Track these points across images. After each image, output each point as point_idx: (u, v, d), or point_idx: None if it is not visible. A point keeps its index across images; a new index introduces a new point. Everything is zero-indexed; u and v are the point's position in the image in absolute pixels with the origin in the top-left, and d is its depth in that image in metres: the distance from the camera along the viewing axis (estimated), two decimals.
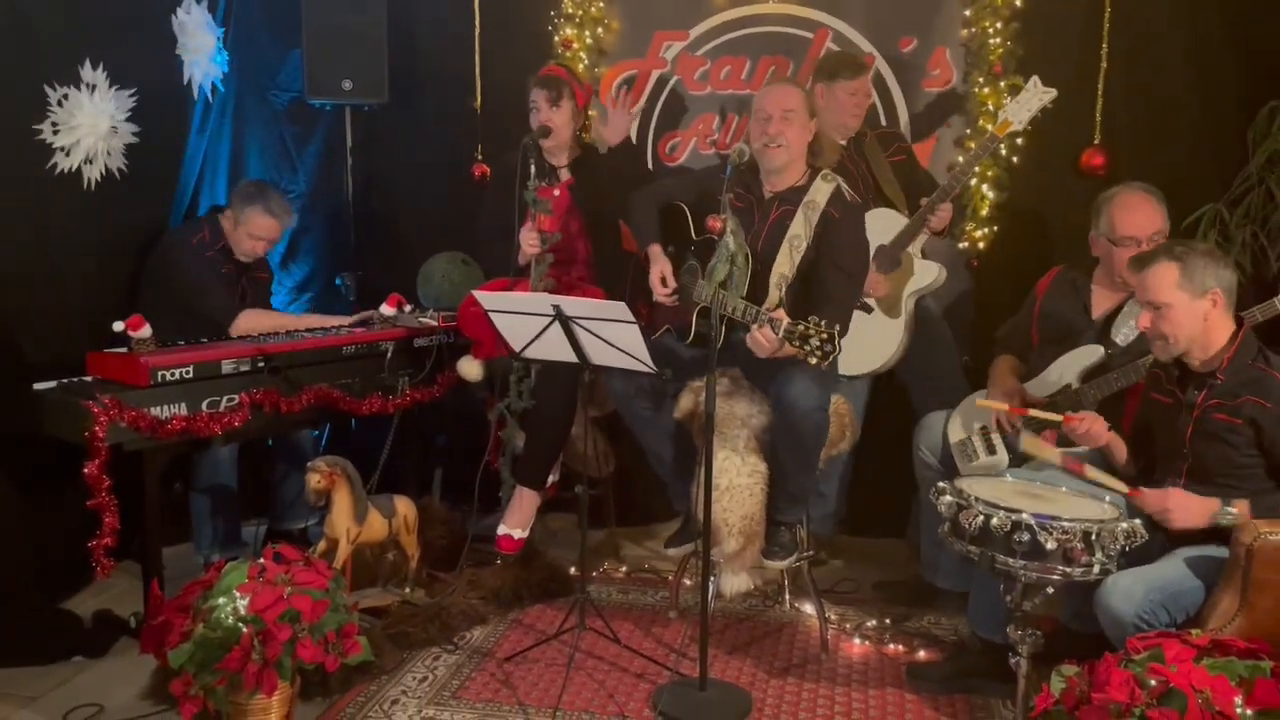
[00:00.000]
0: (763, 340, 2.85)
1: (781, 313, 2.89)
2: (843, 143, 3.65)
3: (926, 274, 3.57)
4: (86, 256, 3.53)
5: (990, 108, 3.80)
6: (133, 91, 3.62)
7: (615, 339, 2.76)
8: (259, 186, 3.77)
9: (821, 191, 3.16)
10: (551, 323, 2.81)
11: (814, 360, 2.63)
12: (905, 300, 3.55)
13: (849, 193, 3.19)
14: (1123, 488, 2.60)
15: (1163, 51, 3.78)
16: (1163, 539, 2.55)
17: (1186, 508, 2.48)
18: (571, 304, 2.77)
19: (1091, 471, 2.68)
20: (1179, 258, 2.49)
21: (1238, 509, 2.46)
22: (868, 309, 3.54)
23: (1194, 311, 2.49)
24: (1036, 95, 3.36)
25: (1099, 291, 3.10)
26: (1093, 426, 2.74)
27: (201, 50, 4.05)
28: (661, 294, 3.27)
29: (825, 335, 2.62)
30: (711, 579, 3.06)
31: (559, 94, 3.61)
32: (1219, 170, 3.71)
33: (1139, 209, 2.99)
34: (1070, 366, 3.04)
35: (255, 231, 3.65)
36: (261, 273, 3.92)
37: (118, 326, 3.09)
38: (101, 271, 3.59)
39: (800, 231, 3.12)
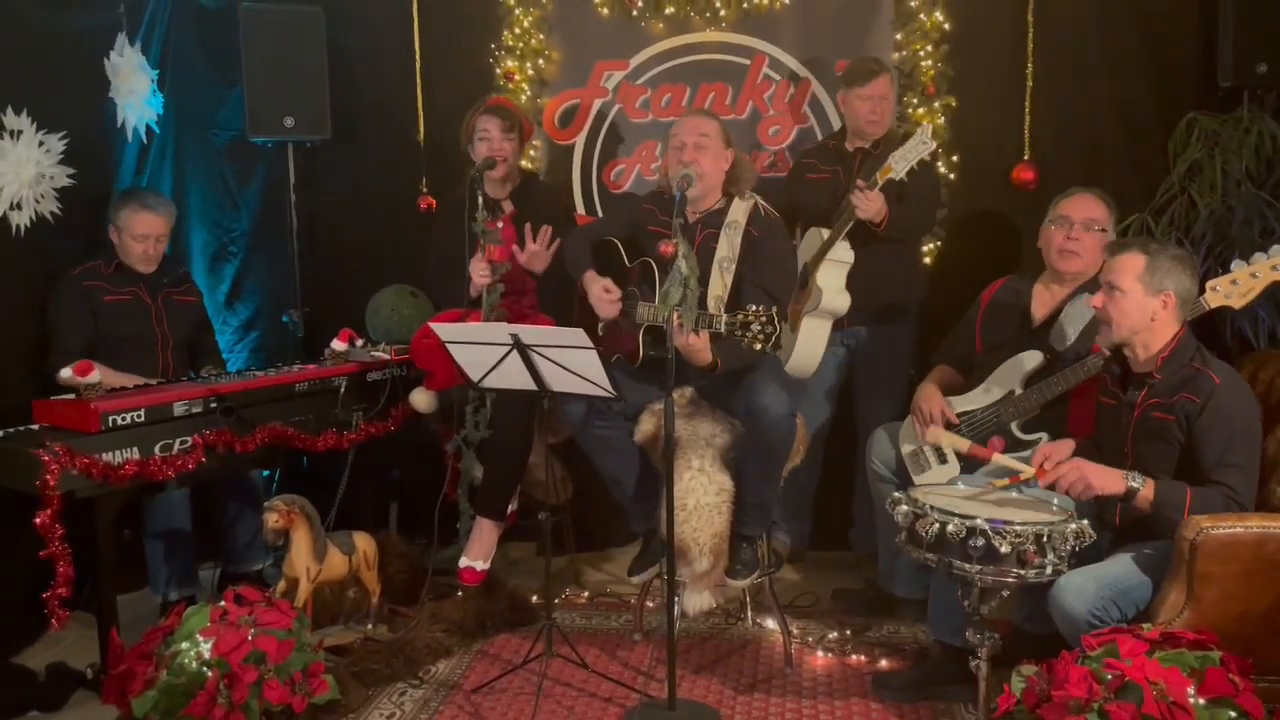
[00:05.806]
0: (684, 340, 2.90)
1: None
2: (865, 146, 3.66)
3: (815, 298, 3.51)
4: (25, 304, 3.47)
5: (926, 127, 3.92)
6: (63, 135, 3.57)
7: (573, 365, 2.79)
8: (130, 190, 3.75)
9: (740, 210, 3.24)
10: (510, 352, 2.83)
11: (759, 345, 2.67)
12: (803, 319, 3.55)
13: (764, 207, 3.27)
14: (1030, 471, 2.64)
15: (1085, 70, 3.94)
16: (1110, 538, 2.64)
17: (1099, 472, 2.53)
18: (529, 333, 2.80)
19: (999, 458, 2.75)
20: (1149, 253, 2.60)
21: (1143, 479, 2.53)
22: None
23: (1144, 307, 2.59)
24: (919, 145, 3.32)
25: (1039, 294, 3.20)
26: (1059, 462, 2.69)
27: (135, 92, 4.02)
28: (608, 302, 3.25)
29: (765, 317, 2.66)
30: (675, 598, 3.09)
31: (512, 124, 3.64)
32: (1143, 181, 3.86)
33: (1081, 197, 3.17)
34: (1012, 372, 3.11)
35: (136, 231, 3.58)
36: (186, 296, 3.83)
37: (65, 373, 3.04)
38: (42, 318, 3.53)
39: (726, 253, 3.20)
